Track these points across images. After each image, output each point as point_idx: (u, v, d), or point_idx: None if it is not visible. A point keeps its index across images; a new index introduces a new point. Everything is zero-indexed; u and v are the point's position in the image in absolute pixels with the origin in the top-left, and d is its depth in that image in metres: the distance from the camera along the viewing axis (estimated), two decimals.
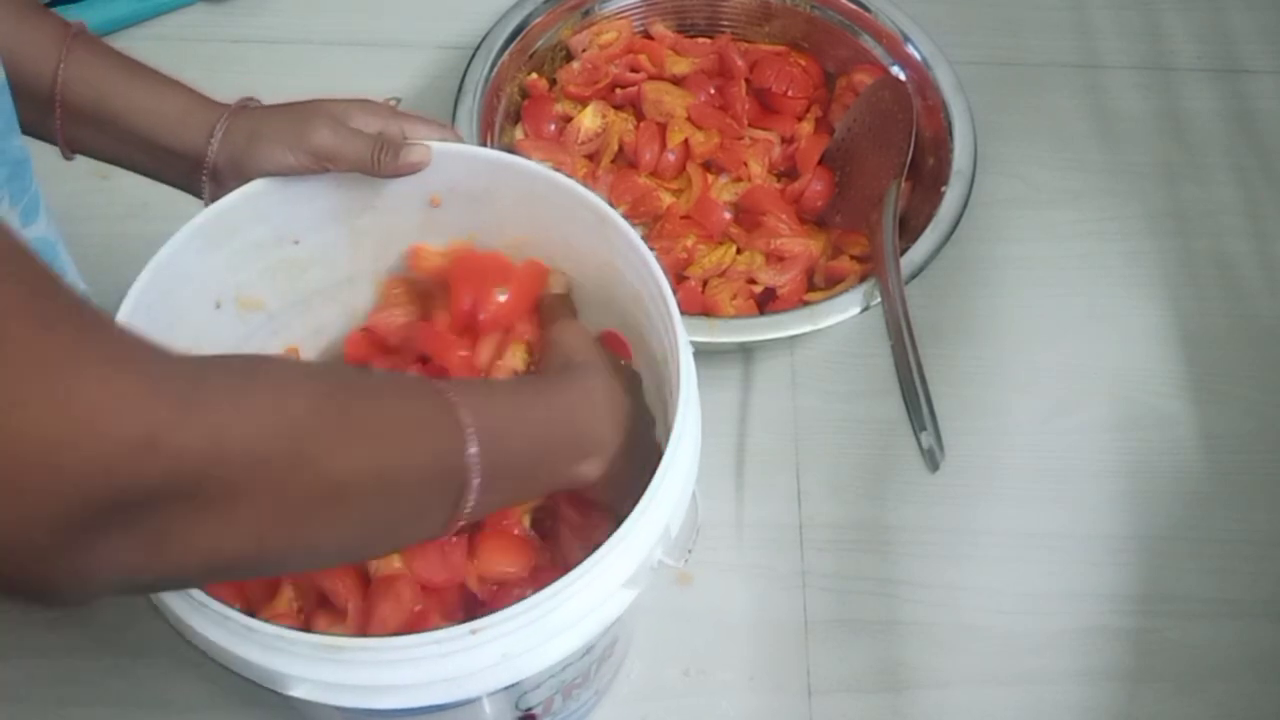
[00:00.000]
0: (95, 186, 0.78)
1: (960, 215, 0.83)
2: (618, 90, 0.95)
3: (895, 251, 0.79)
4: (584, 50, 0.96)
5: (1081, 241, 0.96)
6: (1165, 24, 1.11)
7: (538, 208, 0.62)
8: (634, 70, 0.96)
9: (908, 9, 0.93)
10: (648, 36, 0.99)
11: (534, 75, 0.95)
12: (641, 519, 0.49)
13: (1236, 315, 0.92)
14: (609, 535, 0.49)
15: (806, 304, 0.81)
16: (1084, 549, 0.80)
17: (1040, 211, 0.97)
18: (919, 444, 0.73)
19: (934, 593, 0.77)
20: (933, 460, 0.72)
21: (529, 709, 0.58)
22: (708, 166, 0.91)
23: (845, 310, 0.78)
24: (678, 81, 0.95)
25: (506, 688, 0.48)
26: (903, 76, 0.92)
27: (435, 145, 0.61)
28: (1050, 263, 0.94)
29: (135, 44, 1.01)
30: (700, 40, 0.99)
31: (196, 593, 0.46)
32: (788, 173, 0.93)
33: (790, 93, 0.95)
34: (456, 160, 0.62)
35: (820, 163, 0.91)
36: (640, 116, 0.94)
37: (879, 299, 0.78)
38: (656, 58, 0.96)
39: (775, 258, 0.87)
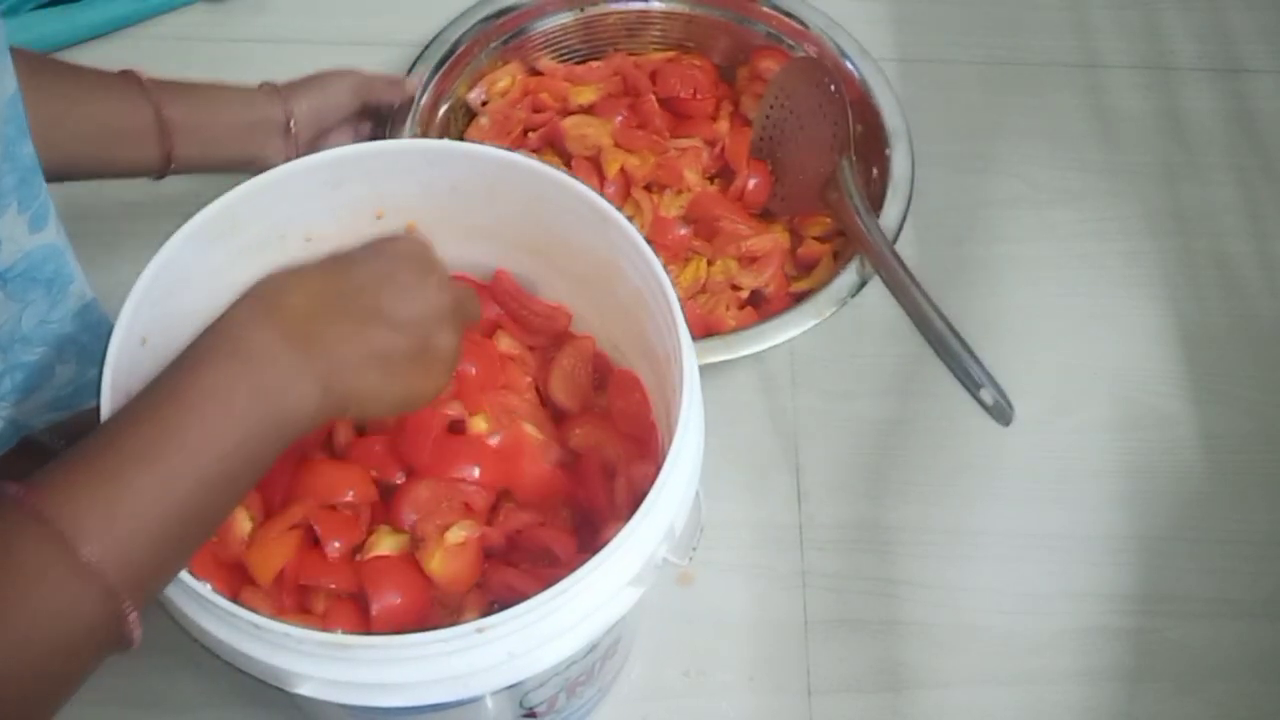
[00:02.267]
0: (95, 186, 0.78)
1: (913, 170, 0.83)
2: (529, 134, 0.91)
3: (873, 219, 0.79)
4: (484, 104, 0.93)
5: (1081, 241, 0.96)
6: (1165, 24, 1.11)
7: (540, 207, 0.62)
8: (538, 111, 0.92)
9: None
10: (537, 73, 0.96)
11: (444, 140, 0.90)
12: (646, 517, 0.49)
13: (1236, 315, 0.92)
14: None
15: (803, 298, 0.80)
16: (1084, 549, 0.80)
17: (1040, 211, 0.97)
18: (981, 403, 0.67)
19: (934, 593, 0.78)
20: (1002, 414, 0.66)
21: (532, 707, 0.58)
22: (649, 188, 0.89)
23: (842, 293, 0.78)
24: (588, 110, 0.92)
25: (511, 686, 0.48)
26: (802, 52, 0.91)
27: (440, 144, 0.61)
28: (1050, 263, 0.94)
29: (135, 44, 1.01)
30: (592, 65, 0.96)
31: (204, 590, 0.46)
32: (722, 174, 0.92)
33: (697, 94, 0.93)
34: (460, 159, 0.62)
35: (751, 157, 0.90)
36: (567, 155, 0.90)
37: (873, 271, 0.77)
38: (557, 92, 0.93)
39: (748, 259, 0.86)
